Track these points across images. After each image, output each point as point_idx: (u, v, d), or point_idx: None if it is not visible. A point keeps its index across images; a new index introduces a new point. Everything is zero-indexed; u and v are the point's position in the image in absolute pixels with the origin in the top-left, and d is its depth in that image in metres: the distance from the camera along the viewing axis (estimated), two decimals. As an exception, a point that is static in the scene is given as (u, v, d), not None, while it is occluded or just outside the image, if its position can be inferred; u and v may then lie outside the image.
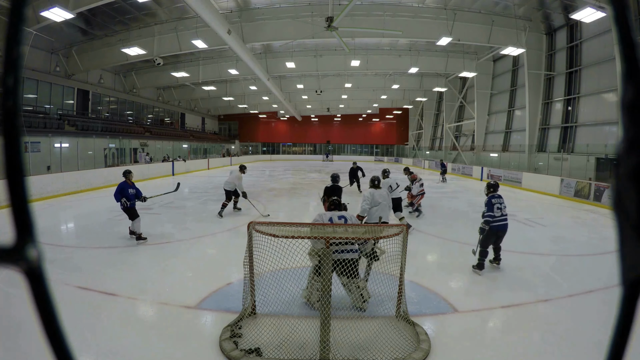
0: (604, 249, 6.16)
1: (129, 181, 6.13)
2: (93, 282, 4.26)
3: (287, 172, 23.63)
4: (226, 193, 8.55)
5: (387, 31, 14.13)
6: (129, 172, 6.24)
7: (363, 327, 3.22)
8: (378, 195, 5.22)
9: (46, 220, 7.75)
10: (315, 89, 28.25)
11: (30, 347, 2.81)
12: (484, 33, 15.33)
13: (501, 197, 4.94)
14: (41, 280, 0.28)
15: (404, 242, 3.43)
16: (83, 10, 11.40)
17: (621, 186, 0.26)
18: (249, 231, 3.40)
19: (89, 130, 18.02)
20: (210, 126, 40.24)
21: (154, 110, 29.14)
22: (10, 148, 0.27)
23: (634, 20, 0.81)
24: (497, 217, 4.78)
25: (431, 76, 26.28)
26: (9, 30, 0.27)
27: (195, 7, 10.86)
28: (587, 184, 11.82)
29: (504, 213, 4.85)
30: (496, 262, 5.09)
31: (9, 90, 0.27)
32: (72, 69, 18.15)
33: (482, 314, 3.74)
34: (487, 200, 4.88)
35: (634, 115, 0.26)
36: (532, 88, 17.84)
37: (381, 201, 5.19)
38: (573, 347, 3.15)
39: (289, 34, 15.14)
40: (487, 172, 18.82)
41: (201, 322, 3.55)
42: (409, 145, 38.64)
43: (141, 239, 6.04)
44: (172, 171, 19.53)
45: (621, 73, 0.27)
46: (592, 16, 11.13)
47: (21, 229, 0.27)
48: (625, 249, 0.26)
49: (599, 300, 4.08)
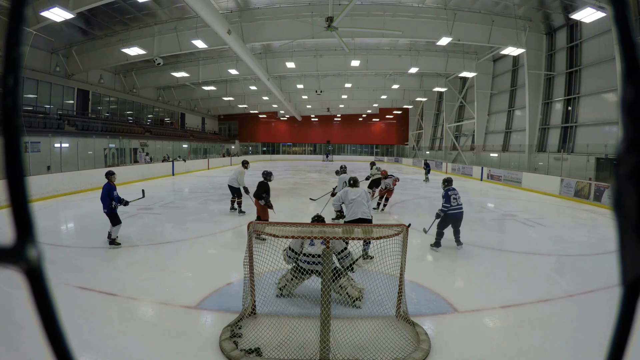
0: (604, 249, 6.16)
1: (112, 183, 5.90)
2: (93, 282, 4.26)
3: (287, 172, 23.63)
4: (231, 190, 8.68)
5: (387, 31, 14.13)
6: (112, 173, 6.01)
7: (363, 327, 3.23)
8: (352, 192, 5.36)
9: (46, 220, 7.75)
10: (315, 89, 28.23)
11: (30, 347, 2.81)
12: (484, 33, 15.32)
13: (455, 190, 5.94)
14: (41, 280, 0.28)
15: (404, 242, 3.43)
16: (83, 10, 11.39)
17: (621, 186, 0.26)
18: (249, 231, 3.40)
19: (89, 130, 18.01)
20: (210, 126, 40.24)
21: (154, 110, 29.13)
22: (10, 148, 0.27)
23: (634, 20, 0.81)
24: (453, 205, 5.76)
25: (431, 76, 26.27)
26: (9, 30, 0.27)
27: (195, 7, 10.86)
28: (587, 184, 11.82)
29: (459, 203, 5.84)
30: (459, 245, 6.05)
31: (9, 90, 0.27)
32: (72, 69, 18.15)
33: (482, 314, 3.74)
34: (444, 193, 5.87)
35: (634, 115, 0.26)
36: (532, 88, 17.83)
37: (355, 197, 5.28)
38: (573, 347, 3.15)
39: (289, 34, 15.14)
40: (487, 172, 18.82)
41: (201, 322, 3.55)
42: (409, 145, 38.63)
43: (115, 244, 5.80)
44: (172, 171, 19.53)
45: (621, 73, 0.27)
46: (592, 16, 11.13)
47: (21, 229, 0.27)
48: (625, 249, 0.26)
49: (599, 300, 4.08)
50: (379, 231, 3.56)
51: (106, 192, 5.76)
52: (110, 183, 5.86)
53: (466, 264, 5.33)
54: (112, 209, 5.73)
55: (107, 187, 5.79)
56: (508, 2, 14.67)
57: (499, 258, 5.70)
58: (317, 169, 26.84)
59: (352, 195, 5.29)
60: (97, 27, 16.25)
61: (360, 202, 5.25)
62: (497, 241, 6.94)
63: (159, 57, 16.58)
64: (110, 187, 5.82)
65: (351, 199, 5.27)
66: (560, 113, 17.16)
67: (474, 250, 6.02)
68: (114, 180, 5.95)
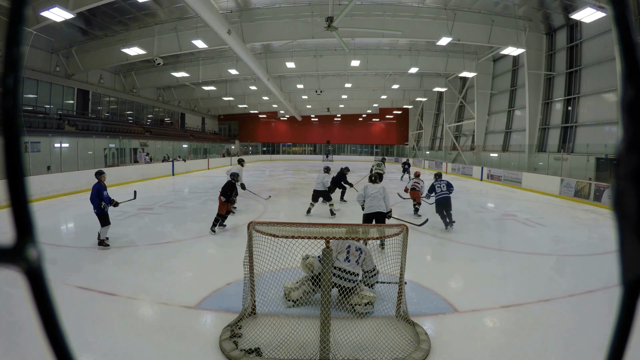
0: (604, 249, 6.16)
1: (102, 182, 5.74)
2: (93, 282, 4.26)
3: (287, 172, 23.63)
4: None
5: (387, 31, 14.13)
6: (101, 172, 5.87)
7: (363, 327, 3.23)
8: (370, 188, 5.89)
9: (46, 220, 7.75)
10: (315, 89, 28.23)
11: (30, 347, 2.81)
12: (484, 33, 15.32)
13: (443, 181, 7.28)
14: (41, 280, 0.28)
15: (404, 242, 3.43)
16: (83, 10, 11.39)
17: (621, 186, 0.26)
18: (249, 231, 3.40)
19: (89, 130, 18.01)
20: (210, 126, 40.23)
21: (154, 110, 29.13)
22: (10, 148, 0.27)
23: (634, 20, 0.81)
24: (437, 192, 7.17)
25: (431, 76, 26.27)
26: (9, 30, 0.27)
27: (195, 7, 10.86)
28: (587, 184, 11.82)
29: (442, 190, 7.13)
30: (450, 226, 7.10)
31: (9, 90, 0.27)
32: (72, 69, 18.15)
33: (482, 314, 3.74)
34: (431, 185, 7.37)
35: (634, 115, 0.26)
36: (532, 88, 17.83)
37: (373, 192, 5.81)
38: (573, 347, 3.15)
39: (289, 34, 15.14)
40: (487, 172, 18.82)
41: (201, 322, 3.55)
42: (409, 145, 38.62)
43: (104, 245, 5.65)
44: (172, 171, 19.53)
45: (621, 73, 0.27)
46: (592, 16, 11.12)
47: (21, 229, 0.27)
48: (625, 249, 0.26)
49: (599, 300, 4.08)
50: (379, 231, 3.57)
51: (95, 192, 5.59)
52: (100, 183, 5.69)
53: (466, 264, 5.33)
54: (102, 210, 5.57)
55: (97, 187, 5.62)
56: (508, 2, 14.67)
57: (499, 258, 5.70)
58: (317, 169, 26.73)
59: (371, 190, 5.82)
60: (97, 27, 16.25)
61: (377, 196, 5.73)
62: (497, 241, 6.95)
63: (159, 57, 16.58)
64: (100, 187, 5.64)
65: (370, 194, 5.79)
66: (560, 113, 17.16)
67: (474, 250, 6.02)
68: (104, 180, 5.79)
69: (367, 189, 5.86)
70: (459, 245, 6.28)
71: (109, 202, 5.71)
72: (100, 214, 5.59)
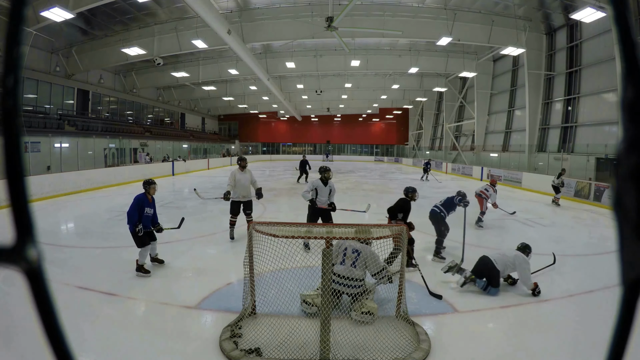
0: (604, 249, 6.15)
1: (149, 196, 4.59)
2: (93, 282, 4.26)
3: (287, 172, 23.62)
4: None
5: (387, 31, 14.13)
6: (152, 182, 4.65)
7: (363, 327, 3.23)
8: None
9: (46, 220, 7.75)
10: (315, 89, 28.24)
11: (30, 347, 2.81)
12: (484, 33, 15.32)
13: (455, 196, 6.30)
14: (41, 280, 0.28)
15: (404, 242, 3.43)
16: (83, 10, 11.40)
17: (621, 186, 0.26)
18: (249, 231, 3.40)
19: (89, 130, 18.01)
20: (210, 126, 40.23)
21: (154, 110, 29.13)
22: (10, 148, 0.27)
23: (634, 20, 0.81)
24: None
25: (431, 76, 26.27)
26: (9, 30, 0.27)
27: (195, 7, 10.87)
28: (587, 184, 11.82)
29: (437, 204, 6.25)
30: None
31: (9, 90, 0.27)
32: (72, 69, 18.15)
33: (482, 314, 3.74)
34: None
35: (634, 115, 0.26)
36: (532, 88, 17.83)
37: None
38: (573, 347, 3.15)
39: (289, 34, 15.15)
40: (487, 172, 18.81)
41: (201, 322, 3.55)
42: (409, 145, 38.62)
43: (143, 271, 4.51)
44: (172, 171, 19.53)
45: (621, 73, 0.27)
46: (592, 16, 11.13)
47: (21, 229, 0.27)
48: (625, 249, 0.26)
49: (599, 300, 4.08)
50: (379, 231, 3.56)
51: (136, 206, 4.43)
52: (147, 195, 4.58)
53: (466, 264, 5.31)
54: (137, 232, 4.41)
55: (140, 200, 4.48)
56: (508, 2, 14.68)
57: (499, 258, 5.68)
58: (317, 169, 26.80)
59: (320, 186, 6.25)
60: (97, 27, 16.26)
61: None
62: (497, 241, 6.94)
63: (159, 57, 16.59)
64: (144, 200, 4.51)
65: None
66: (560, 113, 17.16)
67: (474, 250, 6.01)
68: (153, 193, 4.64)
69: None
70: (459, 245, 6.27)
71: (150, 225, 4.59)
72: (137, 235, 4.45)
